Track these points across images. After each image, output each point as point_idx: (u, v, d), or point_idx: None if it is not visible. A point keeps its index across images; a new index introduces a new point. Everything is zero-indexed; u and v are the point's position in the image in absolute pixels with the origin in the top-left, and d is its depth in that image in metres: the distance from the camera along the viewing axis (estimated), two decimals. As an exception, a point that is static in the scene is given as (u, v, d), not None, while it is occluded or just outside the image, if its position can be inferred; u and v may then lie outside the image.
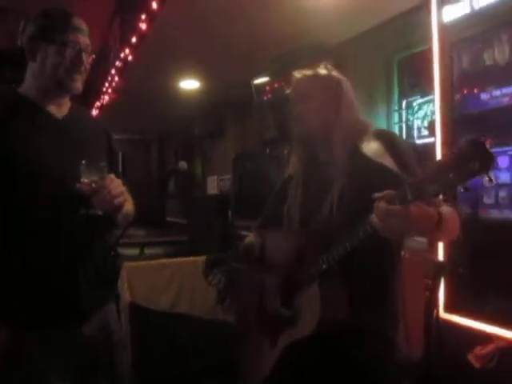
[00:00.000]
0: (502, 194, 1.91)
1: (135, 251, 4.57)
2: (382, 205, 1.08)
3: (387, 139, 1.37)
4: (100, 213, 1.29)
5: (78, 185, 1.27)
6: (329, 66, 1.44)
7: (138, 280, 3.48)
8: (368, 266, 1.32)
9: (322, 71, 1.43)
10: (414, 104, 3.08)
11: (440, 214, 1.14)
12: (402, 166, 1.29)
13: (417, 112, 3.05)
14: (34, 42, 1.32)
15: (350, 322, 1.29)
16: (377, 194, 1.10)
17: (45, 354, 1.28)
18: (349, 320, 1.28)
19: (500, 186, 1.93)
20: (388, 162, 1.31)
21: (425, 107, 3.01)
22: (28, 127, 1.31)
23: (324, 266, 1.29)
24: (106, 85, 4.55)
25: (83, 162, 1.28)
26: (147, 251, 4.78)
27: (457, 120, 2.11)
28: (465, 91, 2.08)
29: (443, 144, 2.15)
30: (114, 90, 4.46)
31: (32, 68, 1.35)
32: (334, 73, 1.44)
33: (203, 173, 6.12)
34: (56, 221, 1.30)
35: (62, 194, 1.30)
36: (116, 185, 1.30)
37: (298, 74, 1.45)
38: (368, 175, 1.28)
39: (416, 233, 1.13)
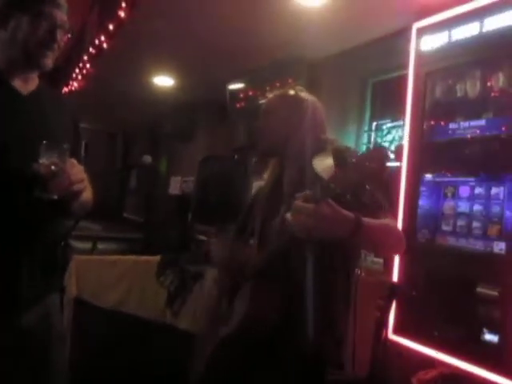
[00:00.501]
0: (461, 222, 1.95)
1: (88, 245, 4.42)
2: (296, 202, 1.13)
3: (338, 156, 1.41)
4: (55, 197, 1.22)
5: (35, 165, 1.19)
6: (298, 87, 1.55)
7: (87, 274, 3.36)
8: (301, 272, 1.32)
9: (290, 92, 1.53)
10: (384, 127, 3.13)
11: (359, 220, 1.16)
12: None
13: (386, 135, 3.11)
14: (7, 9, 1.25)
15: (277, 326, 1.30)
16: (297, 194, 1.15)
17: None
18: (275, 323, 1.29)
19: (459, 214, 1.98)
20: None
21: (393, 132, 3.06)
22: None
23: (258, 267, 1.33)
24: (77, 71, 4.42)
25: (44, 141, 1.21)
26: (100, 246, 4.63)
27: (425, 147, 2.15)
28: (435, 120, 2.13)
29: (409, 170, 2.19)
30: (84, 76, 4.34)
31: (1, 37, 1.27)
32: (303, 94, 1.53)
33: (167, 172, 6.03)
34: (6, 200, 1.23)
35: (16, 172, 1.23)
36: (77, 170, 1.24)
37: (269, 95, 1.58)
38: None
39: (327, 234, 1.15)
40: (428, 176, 2.08)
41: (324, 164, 1.41)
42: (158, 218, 4.49)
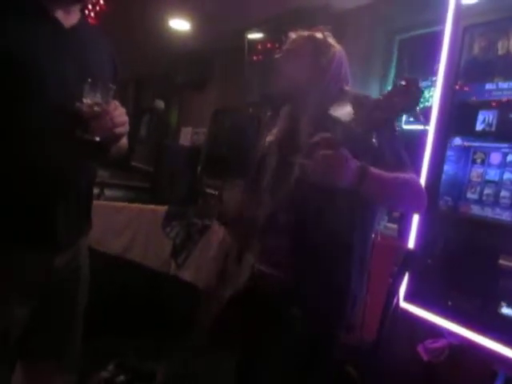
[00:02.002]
0: (488, 191, 1.84)
1: (94, 191, 4.36)
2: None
3: (357, 102, 1.31)
4: (97, 139, 1.16)
5: (78, 104, 1.14)
6: (326, 32, 1.41)
7: (93, 220, 3.31)
8: (330, 224, 1.23)
9: (318, 35, 1.40)
10: (409, 87, 2.96)
11: (364, 168, 1.12)
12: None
13: (410, 96, 2.94)
14: None
15: (288, 283, 1.22)
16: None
17: (11, 274, 1.18)
18: (288, 280, 1.22)
19: (486, 182, 1.86)
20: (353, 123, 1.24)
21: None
22: (30, 31, 1.14)
23: (269, 218, 1.24)
24: (90, 7, 4.20)
25: (89, 79, 1.14)
26: (107, 193, 4.57)
27: (456, 108, 2.01)
28: (470, 79, 1.98)
29: (436, 132, 2.06)
30: (96, 14, 4.13)
31: None
32: (330, 39, 1.40)
33: (178, 122, 5.89)
34: (46, 139, 1.16)
35: (57, 111, 1.15)
36: (120, 112, 1.18)
37: (293, 35, 1.44)
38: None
39: (324, 179, 1.11)
40: (457, 140, 1.95)
41: (343, 110, 1.30)
42: (166, 168, 4.40)
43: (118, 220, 3.31)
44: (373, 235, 1.46)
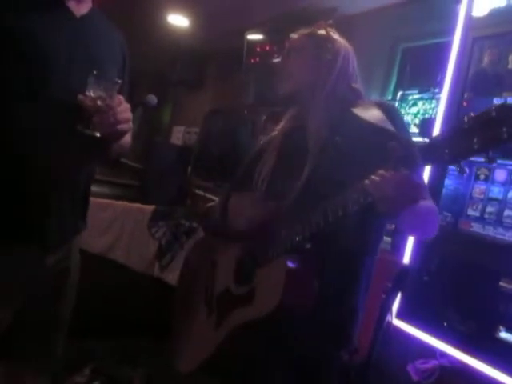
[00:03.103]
0: (490, 209, 1.77)
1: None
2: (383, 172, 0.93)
3: (390, 110, 1.23)
4: (98, 135, 1.11)
5: (81, 96, 1.09)
6: (329, 28, 1.31)
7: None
8: (345, 249, 1.14)
9: (320, 31, 1.30)
10: (410, 98, 2.90)
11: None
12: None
13: (411, 107, 2.88)
14: None
15: (311, 313, 1.10)
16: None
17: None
18: (311, 310, 1.09)
19: (489, 199, 1.79)
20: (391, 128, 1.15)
21: (420, 104, 2.83)
22: (42, 18, 1.12)
23: (297, 239, 1.09)
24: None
25: (95, 71, 1.09)
26: (93, 188, 4.44)
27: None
28: (477, 92, 1.90)
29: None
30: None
31: None
32: (334, 35, 1.30)
33: (171, 121, 5.78)
34: (45, 130, 1.11)
35: (60, 102, 1.11)
36: (124, 108, 1.13)
37: (294, 35, 1.35)
38: (364, 138, 1.11)
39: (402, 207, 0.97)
40: (460, 154, 1.87)
41: (372, 114, 1.20)
42: (156, 166, 4.29)
43: (102, 218, 3.20)
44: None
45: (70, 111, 1.10)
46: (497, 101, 1.82)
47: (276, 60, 4.15)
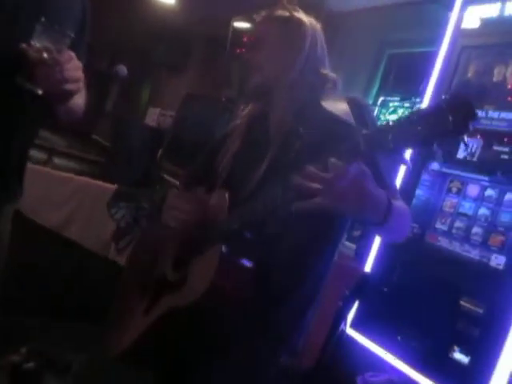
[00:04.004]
0: (459, 224, 1.71)
1: (43, 156, 4.04)
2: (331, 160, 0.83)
3: (358, 105, 1.14)
4: (40, 92, 0.98)
5: (24, 45, 0.96)
6: (291, 6, 1.18)
7: (31, 187, 2.99)
8: (291, 245, 1.07)
9: (283, 13, 1.17)
10: (391, 104, 2.84)
11: (390, 202, 0.93)
12: None
13: (390, 114, 2.82)
14: None
15: (244, 306, 1.02)
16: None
17: None
18: (244, 301, 1.02)
19: (459, 214, 1.73)
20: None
21: (400, 111, 2.78)
22: None
23: (234, 226, 1.02)
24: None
25: (42, 19, 0.98)
26: (58, 161, 4.26)
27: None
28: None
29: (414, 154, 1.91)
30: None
31: None
32: (298, 14, 1.18)
33: (148, 102, 5.61)
34: None
35: (1, 50, 0.99)
36: (73, 66, 1.00)
37: (257, 18, 1.23)
38: (325, 131, 1.04)
39: (353, 212, 0.90)
40: (435, 164, 1.81)
41: (337, 106, 1.13)
42: (125, 145, 4.12)
43: (59, 191, 3.03)
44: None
45: (10, 61, 0.97)
46: (478, 113, 1.76)
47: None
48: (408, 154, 1.70)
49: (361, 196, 0.85)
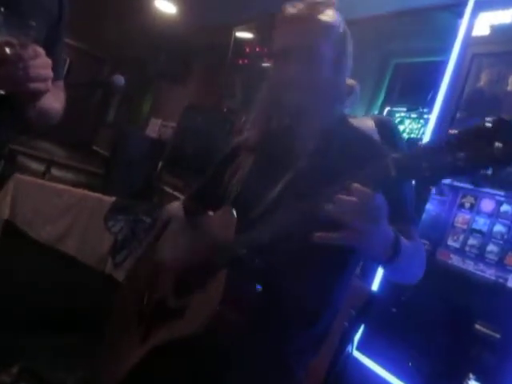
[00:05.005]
0: (472, 241, 1.60)
1: (41, 167, 3.96)
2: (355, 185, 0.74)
3: (383, 123, 1.05)
4: (1, 92, 0.89)
5: None
6: (332, 10, 1.03)
7: (27, 198, 2.93)
8: (305, 272, 0.97)
9: (326, 15, 1.01)
10: (397, 115, 2.75)
11: (398, 241, 0.83)
12: None
13: (397, 125, 2.73)
14: None
15: (250, 333, 0.92)
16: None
17: None
18: (249, 329, 0.91)
19: (472, 231, 1.62)
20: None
21: (406, 122, 2.68)
22: None
23: (242, 251, 0.91)
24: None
25: (2, 9, 0.88)
26: (56, 173, 4.18)
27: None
28: (470, 112, 1.75)
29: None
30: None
31: None
32: (339, 17, 1.05)
33: (149, 112, 5.54)
34: None
35: None
36: (40, 63, 0.89)
37: (291, 9, 1.02)
38: (353, 151, 0.94)
39: (373, 247, 0.80)
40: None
41: (365, 126, 1.05)
42: (125, 157, 4.04)
43: (55, 204, 2.94)
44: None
45: None
46: (491, 124, 1.67)
47: (266, 64, 3.99)
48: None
49: (377, 230, 0.77)
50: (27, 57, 0.87)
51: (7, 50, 0.85)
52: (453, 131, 0.69)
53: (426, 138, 1.89)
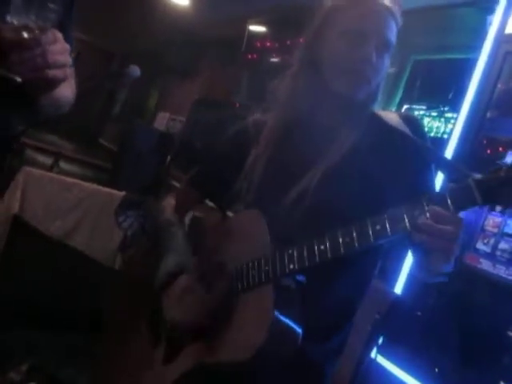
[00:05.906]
0: (504, 245, 1.55)
1: (48, 160, 3.92)
2: (435, 208, 0.71)
3: (414, 123, 0.99)
4: (18, 79, 0.80)
5: None
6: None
7: (35, 193, 2.88)
8: (343, 283, 0.93)
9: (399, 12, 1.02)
10: (416, 113, 2.69)
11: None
12: None
13: (416, 122, 2.67)
14: None
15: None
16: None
17: None
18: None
19: (503, 234, 1.57)
20: None
21: (426, 121, 2.63)
22: None
23: (291, 267, 0.83)
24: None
25: None
26: (64, 166, 4.14)
27: (479, 143, 1.72)
28: (502, 112, 1.69)
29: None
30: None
31: None
32: None
33: (157, 105, 5.48)
34: None
35: None
36: (59, 49, 0.82)
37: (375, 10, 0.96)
38: (386, 149, 0.91)
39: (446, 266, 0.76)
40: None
41: (393, 120, 0.98)
42: (133, 151, 3.99)
43: (65, 198, 2.89)
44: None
45: None
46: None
47: (274, 59, 3.93)
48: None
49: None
50: (46, 42, 0.80)
51: (25, 34, 0.78)
52: (499, 165, 0.68)
53: (454, 138, 1.83)
